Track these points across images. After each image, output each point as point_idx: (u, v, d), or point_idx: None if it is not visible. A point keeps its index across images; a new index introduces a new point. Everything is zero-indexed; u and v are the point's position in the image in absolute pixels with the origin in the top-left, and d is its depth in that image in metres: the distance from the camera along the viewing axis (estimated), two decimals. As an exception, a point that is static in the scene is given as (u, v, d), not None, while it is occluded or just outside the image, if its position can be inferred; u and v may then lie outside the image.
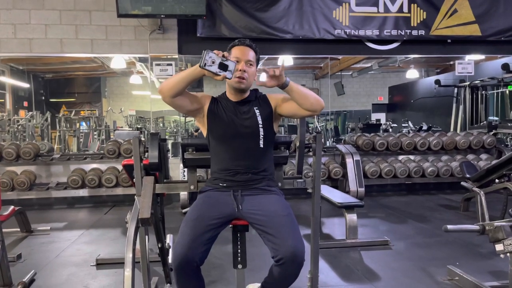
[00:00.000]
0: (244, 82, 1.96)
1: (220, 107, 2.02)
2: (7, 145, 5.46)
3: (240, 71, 1.93)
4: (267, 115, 2.02)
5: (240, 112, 2.01)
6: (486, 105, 8.19)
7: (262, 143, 1.98)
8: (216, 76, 1.76)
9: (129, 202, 5.33)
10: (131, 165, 2.38)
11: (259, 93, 2.10)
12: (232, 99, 2.04)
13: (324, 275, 2.87)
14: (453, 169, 5.84)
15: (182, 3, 5.14)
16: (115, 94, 13.91)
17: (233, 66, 1.78)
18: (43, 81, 12.22)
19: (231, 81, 1.95)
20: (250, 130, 1.98)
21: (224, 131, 1.98)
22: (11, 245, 3.78)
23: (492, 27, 6.02)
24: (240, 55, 1.95)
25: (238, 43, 2.00)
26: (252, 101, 2.05)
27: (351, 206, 3.66)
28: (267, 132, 2.00)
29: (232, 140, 1.98)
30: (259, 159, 1.99)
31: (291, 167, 5.44)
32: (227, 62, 1.77)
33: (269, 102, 2.06)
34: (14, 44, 5.49)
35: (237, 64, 1.92)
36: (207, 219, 1.82)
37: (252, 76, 1.99)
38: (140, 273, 2.25)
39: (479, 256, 3.26)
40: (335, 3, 5.77)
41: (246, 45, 1.99)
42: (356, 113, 12.13)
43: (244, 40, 2.01)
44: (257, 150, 1.98)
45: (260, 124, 1.99)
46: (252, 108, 2.02)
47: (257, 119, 1.99)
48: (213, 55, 1.74)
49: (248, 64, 1.96)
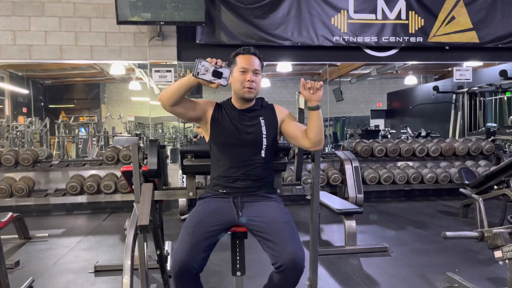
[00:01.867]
0: (253, 92, 1.97)
1: (224, 114, 2.01)
2: (5, 151, 5.45)
3: (248, 82, 1.94)
4: (272, 126, 2.01)
5: (244, 120, 2.00)
6: (484, 111, 8.22)
7: (264, 153, 1.98)
8: (211, 84, 1.76)
9: (128, 209, 5.31)
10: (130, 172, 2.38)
11: (265, 102, 2.09)
12: (238, 107, 2.03)
13: (323, 282, 2.86)
14: (451, 175, 5.85)
15: (182, 10, 5.16)
16: (114, 100, 13.92)
17: (227, 73, 1.78)
18: (42, 87, 12.21)
19: (240, 90, 1.95)
20: (253, 139, 1.97)
21: (226, 138, 1.98)
22: (9, 252, 3.76)
23: (490, 34, 6.05)
24: (246, 65, 1.95)
25: (243, 52, 1.99)
26: (258, 110, 2.04)
27: (350, 212, 3.65)
28: (270, 143, 1.99)
29: (234, 148, 1.97)
30: (260, 168, 1.98)
31: (290, 173, 5.44)
32: (221, 70, 1.76)
33: (276, 114, 2.05)
34: (14, 50, 5.50)
35: (245, 74, 1.94)
36: (206, 226, 1.81)
37: (259, 84, 1.99)
38: (138, 280, 2.24)
39: (478, 263, 3.26)
40: (334, 10, 5.81)
41: (251, 53, 1.98)
42: (354, 119, 12.15)
43: (249, 49, 2.00)
44: (258, 160, 1.98)
45: (264, 134, 1.98)
46: (257, 118, 2.01)
47: (261, 129, 1.98)
48: (206, 64, 1.74)
49: (255, 73, 1.96)
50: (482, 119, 8.11)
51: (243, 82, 1.95)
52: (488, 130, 6.64)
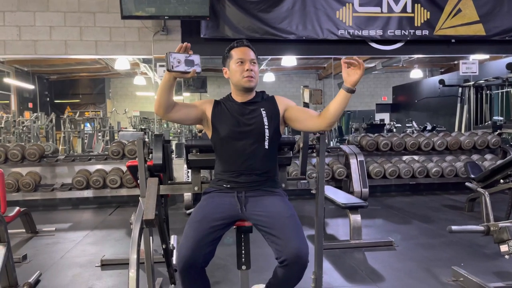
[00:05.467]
0: (253, 80, 1.97)
1: (224, 108, 2.01)
2: (12, 147, 5.49)
3: (247, 71, 1.94)
4: (273, 117, 2.00)
5: (245, 112, 1.99)
6: (490, 105, 8.15)
7: (268, 144, 1.98)
8: (185, 74, 1.72)
9: (134, 203, 5.35)
10: (135, 166, 2.39)
11: (266, 95, 2.09)
12: (238, 100, 2.03)
13: (328, 276, 2.86)
14: (457, 169, 5.82)
15: (186, 4, 5.15)
16: (119, 95, 13.96)
17: (198, 59, 1.74)
18: (48, 82, 12.28)
19: (240, 80, 1.95)
20: (256, 131, 1.97)
21: (228, 132, 1.97)
22: (17, 246, 3.80)
23: (497, 27, 5.99)
24: (242, 55, 1.96)
25: (237, 45, 2.00)
26: (259, 102, 2.04)
27: (355, 206, 3.65)
28: (273, 134, 1.99)
29: (237, 141, 1.97)
30: (264, 160, 1.98)
31: (295, 167, 5.43)
32: (192, 57, 1.72)
33: (277, 104, 2.04)
34: (19, 46, 5.52)
35: (243, 64, 1.94)
36: (211, 221, 1.82)
37: (257, 74, 2.00)
38: (144, 274, 2.26)
39: (484, 257, 3.25)
40: (339, 3, 5.77)
41: (245, 45, 2.00)
42: (360, 113, 12.09)
43: (242, 41, 2.02)
44: (262, 151, 1.97)
45: (266, 125, 1.97)
46: (258, 109, 2.00)
47: (263, 120, 1.98)
48: (177, 55, 1.70)
49: (252, 63, 1.97)
50: (489, 113, 8.04)
51: (242, 72, 1.95)
52: (495, 123, 6.59)
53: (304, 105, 2.05)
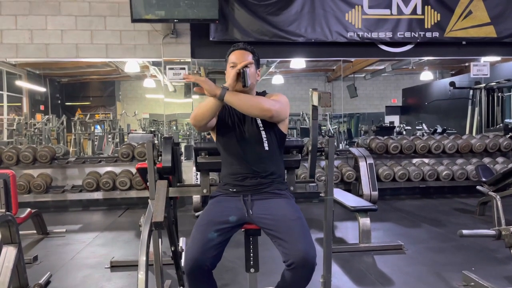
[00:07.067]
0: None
1: (227, 112, 2.03)
2: (24, 148, 5.56)
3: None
4: None
5: (243, 115, 2.00)
6: (502, 107, 8.05)
7: (267, 145, 1.98)
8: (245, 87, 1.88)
9: (143, 205, 5.38)
10: (144, 169, 2.41)
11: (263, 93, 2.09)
12: None
13: (337, 279, 2.85)
14: (468, 172, 5.76)
15: (195, 8, 5.19)
16: (129, 98, 14.06)
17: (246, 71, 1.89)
18: (59, 85, 12.42)
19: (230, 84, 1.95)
20: (253, 133, 1.98)
21: (230, 136, 2.00)
22: (28, 247, 3.84)
23: (508, 29, 5.93)
24: (235, 59, 1.98)
25: (233, 49, 2.02)
26: None
27: (364, 210, 3.63)
28: (271, 134, 1.99)
29: (238, 145, 1.98)
30: (266, 162, 1.98)
31: (304, 170, 5.42)
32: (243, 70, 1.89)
33: None
34: (31, 49, 5.60)
35: (234, 68, 1.94)
36: (217, 224, 1.83)
37: (252, 76, 1.97)
38: (153, 276, 2.27)
39: (495, 261, 3.21)
40: (348, 6, 5.76)
41: (241, 48, 2.01)
42: (369, 116, 12.03)
43: (238, 44, 2.04)
44: (262, 153, 1.98)
45: (261, 126, 1.98)
46: None
47: (256, 121, 1.99)
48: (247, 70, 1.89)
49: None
50: (500, 115, 7.94)
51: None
52: (506, 126, 6.50)
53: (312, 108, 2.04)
